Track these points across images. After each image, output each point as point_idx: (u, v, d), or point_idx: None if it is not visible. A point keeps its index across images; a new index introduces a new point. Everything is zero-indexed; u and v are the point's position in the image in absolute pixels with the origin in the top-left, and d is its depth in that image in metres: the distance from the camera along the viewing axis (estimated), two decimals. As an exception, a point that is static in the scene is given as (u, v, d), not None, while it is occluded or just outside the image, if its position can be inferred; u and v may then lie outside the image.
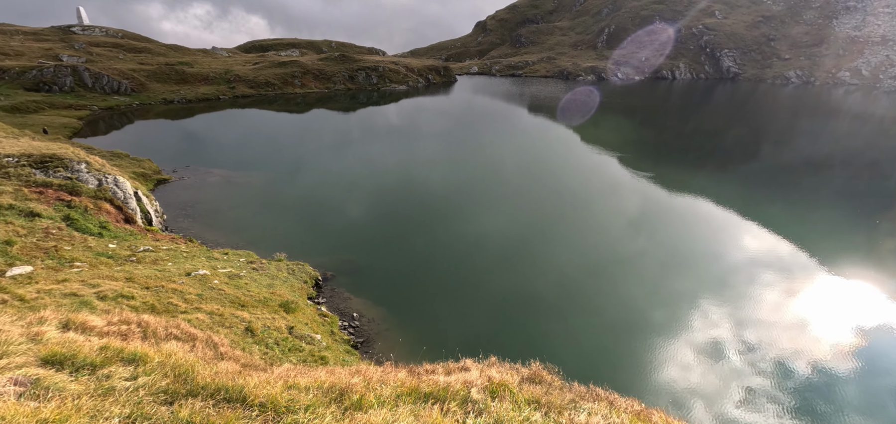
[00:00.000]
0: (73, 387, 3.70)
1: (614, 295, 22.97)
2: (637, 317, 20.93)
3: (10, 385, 3.52)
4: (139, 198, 27.41)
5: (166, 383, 3.88)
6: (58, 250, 19.37)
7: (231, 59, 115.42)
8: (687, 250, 28.37)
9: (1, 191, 23.12)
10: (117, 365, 4.24)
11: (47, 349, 4.34)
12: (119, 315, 6.68)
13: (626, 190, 40.43)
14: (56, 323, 5.50)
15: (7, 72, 71.65)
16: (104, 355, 4.39)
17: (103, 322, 5.97)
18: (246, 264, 22.95)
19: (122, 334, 5.58)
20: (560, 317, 21.29)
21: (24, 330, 4.85)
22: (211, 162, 46.34)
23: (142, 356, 4.46)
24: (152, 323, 6.51)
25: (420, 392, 4.14)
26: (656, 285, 23.78)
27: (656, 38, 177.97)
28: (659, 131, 71.26)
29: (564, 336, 19.97)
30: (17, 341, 4.46)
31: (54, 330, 5.14)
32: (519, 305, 22.12)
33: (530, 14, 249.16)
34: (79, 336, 5.09)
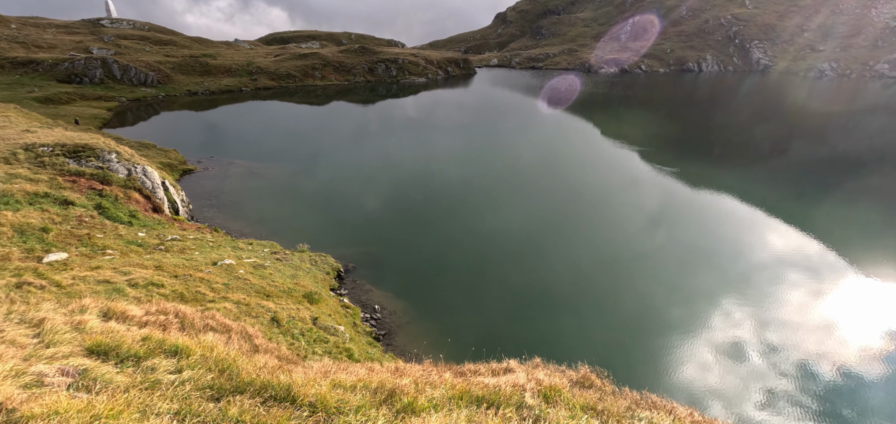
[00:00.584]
0: (119, 379, 3.63)
1: (632, 292, 22.39)
2: (655, 315, 20.39)
3: (58, 375, 3.47)
4: (166, 187, 27.95)
5: (211, 378, 3.78)
6: (90, 238, 19.86)
7: (253, 51, 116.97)
8: (708, 247, 27.52)
9: (37, 179, 23.83)
10: (160, 357, 4.17)
11: (92, 339, 4.30)
12: (157, 305, 6.69)
13: (645, 184, 39.46)
14: (97, 311, 5.50)
15: (41, 64, 74.05)
16: (147, 346, 4.33)
17: (141, 311, 5.97)
18: (270, 254, 23.17)
19: (161, 324, 5.55)
20: (576, 313, 20.96)
21: (67, 319, 4.84)
22: (234, 153, 47.05)
23: (184, 348, 4.39)
24: (189, 314, 6.49)
25: (472, 396, 3.94)
26: (675, 282, 23.12)
27: (682, 29, 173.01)
28: (683, 125, 69.30)
29: (580, 332, 19.64)
30: (62, 329, 4.45)
31: (96, 319, 5.13)
32: (535, 300, 21.89)
33: (551, 5, 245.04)
34: (120, 325, 5.07)
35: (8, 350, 3.84)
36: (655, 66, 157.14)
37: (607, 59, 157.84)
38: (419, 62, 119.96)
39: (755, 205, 33.15)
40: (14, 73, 70.77)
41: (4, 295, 11.64)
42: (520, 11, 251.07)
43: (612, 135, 58.46)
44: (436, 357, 13.39)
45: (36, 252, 17.18)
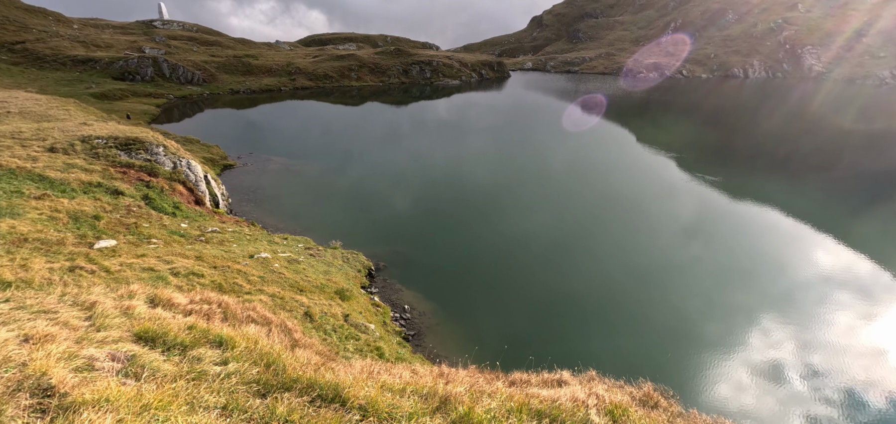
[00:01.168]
0: (166, 368, 3.63)
1: (665, 304, 21.37)
2: (689, 329, 19.43)
3: (108, 361, 3.49)
4: (208, 181, 28.98)
5: (257, 372, 3.73)
6: (137, 226, 20.78)
7: (292, 52, 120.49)
8: (748, 261, 25.93)
9: (91, 169, 25.20)
10: (206, 347, 4.17)
11: (140, 325, 4.36)
12: (201, 294, 6.82)
13: (681, 193, 37.83)
14: (144, 298, 5.62)
15: (98, 62, 78.84)
16: (193, 335, 4.35)
17: (186, 300, 6.07)
18: (304, 250, 23.57)
19: (205, 314, 5.62)
20: (605, 323, 20.25)
21: (116, 304, 4.95)
22: (272, 150, 48.44)
23: (228, 339, 4.37)
24: (232, 305, 6.57)
25: (531, 409, 3.70)
26: (711, 296, 21.96)
27: (727, 34, 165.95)
28: (725, 133, 66.14)
29: (610, 342, 18.94)
30: (112, 314, 4.53)
31: (143, 306, 5.23)
32: (563, 307, 21.40)
33: (589, 8, 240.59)
34: (166, 313, 5.15)
35: (61, 331, 3.91)
36: (697, 72, 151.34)
37: (646, 63, 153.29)
38: (453, 64, 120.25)
39: (802, 220, 31.12)
40: (75, 71, 75.63)
41: (58, 278, 12.24)
42: (556, 15, 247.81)
43: (649, 142, 56.50)
44: (468, 362, 13.15)
45: (88, 238, 18.09)
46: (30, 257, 13.20)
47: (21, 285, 10.83)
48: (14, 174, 22.24)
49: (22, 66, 72.38)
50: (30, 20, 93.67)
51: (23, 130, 27.44)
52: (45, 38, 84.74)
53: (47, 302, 5.19)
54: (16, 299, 5.44)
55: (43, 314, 4.60)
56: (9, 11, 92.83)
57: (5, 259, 12.63)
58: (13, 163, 23.06)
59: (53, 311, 4.69)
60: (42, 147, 25.82)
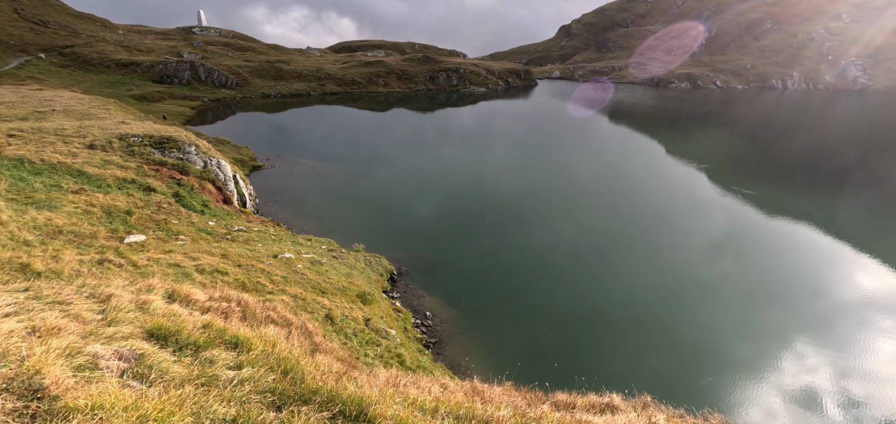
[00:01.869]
0: (176, 370, 3.36)
1: (692, 322, 20.50)
2: (718, 349, 18.52)
3: (114, 359, 3.26)
4: (237, 180, 29.49)
5: (273, 380, 3.41)
6: (167, 223, 21.19)
7: (323, 58, 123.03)
8: (782, 281, 24.50)
9: (126, 166, 25.99)
10: (220, 349, 3.91)
11: (153, 321, 4.14)
12: (220, 291, 6.65)
13: (713, 208, 36.20)
14: (162, 292, 5.46)
15: (140, 66, 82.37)
16: (207, 335, 4.10)
17: (205, 296, 5.89)
18: (327, 251, 23.56)
19: (223, 311, 5.41)
20: (629, 338, 19.39)
21: (133, 297, 4.78)
22: (299, 152, 49.21)
23: (244, 340, 4.10)
24: (251, 304, 6.37)
25: None
26: (742, 316, 20.86)
27: (764, 44, 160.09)
28: (761, 146, 63.27)
29: (634, 359, 18.12)
30: (127, 308, 4.34)
31: (160, 301, 5.05)
32: (586, 321, 20.76)
33: (620, 18, 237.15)
34: (183, 309, 4.95)
35: (69, 324, 3.72)
36: (733, 82, 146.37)
37: (679, 73, 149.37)
38: (480, 72, 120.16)
39: (843, 240, 29.13)
40: (118, 73, 79.23)
41: (87, 270, 12.43)
42: (585, 24, 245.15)
43: (679, 154, 54.62)
44: (489, 374, 12.68)
45: (119, 232, 18.51)
46: (62, 249, 13.50)
47: (50, 275, 11.00)
48: (55, 169, 23.11)
49: (70, 68, 76.36)
50: (79, 26, 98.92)
51: (65, 127, 28.63)
52: (93, 43, 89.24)
53: (63, 293, 5.05)
54: (34, 289, 5.33)
55: (57, 305, 4.45)
56: (60, 17, 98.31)
57: (38, 249, 12.94)
58: (55, 159, 23.99)
59: (67, 302, 4.54)
60: (82, 143, 26.83)
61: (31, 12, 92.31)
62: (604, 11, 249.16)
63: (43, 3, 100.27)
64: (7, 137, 25.48)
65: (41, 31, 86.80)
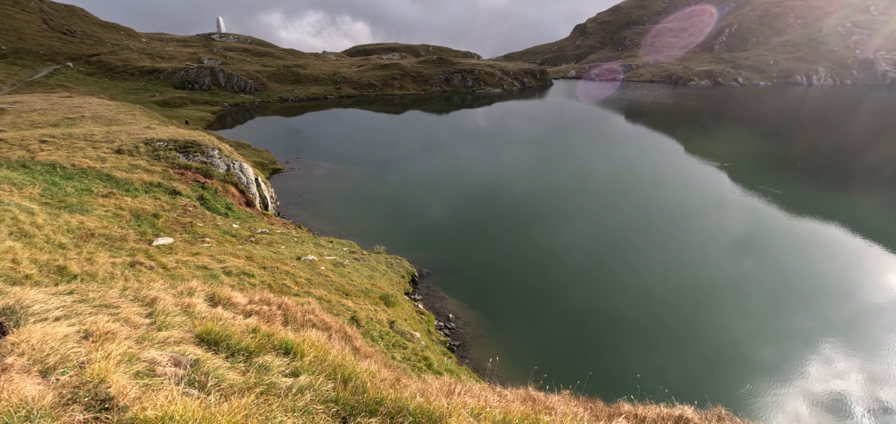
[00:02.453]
0: (232, 377, 3.26)
1: (711, 324, 19.97)
2: (739, 352, 17.97)
3: (171, 366, 3.17)
4: (259, 183, 29.81)
5: (332, 389, 3.28)
6: (193, 225, 21.48)
7: (338, 62, 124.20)
8: (807, 282, 23.67)
9: (152, 170, 26.49)
10: (271, 354, 3.81)
11: (202, 325, 4.07)
12: (260, 294, 6.60)
13: (732, 207, 35.24)
14: (203, 296, 5.42)
15: (162, 73, 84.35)
16: (257, 340, 4.01)
17: (245, 299, 5.84)
18: (348, 253, 23.59)
19: (265, 315, 5.34)
20: (647, 341, 18.94)
21: (177, 301, 4.73)
22: (317, 155, 49.60)
23: (294, 346, 4.00)
24: (292, 308, 6.30)
25: None
26: (764, 318, 20.21)
27: (788, 39, 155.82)
28: (784, 144, 61.39)
29: (651, 362, 17.70)
30: (173, 312, 4.29)
31: (203, 304, 5.00)
32: (607, 322, 20.33)
33: (636, 15, 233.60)
34: (226, 312, 4.90)
35: (122, 329, 3.66)
36: (755, 79, 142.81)
37: (698, 70, 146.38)
38: (495, 73, 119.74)
39: (871, 239, 27.95)
40: (141, 80, 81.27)
41: (120, 273, 12.61)
42: (600, 22, 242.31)
43: (698, 153, 53.37)
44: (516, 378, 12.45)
45: (147, 235, 18.82)
46: (95, 251, 13.74)
47: (86, 278, 11.17)
48: (85, 173, 23.66)
49: (96, 76, 78.62)
50: (105, 35, 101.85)
51: (94, 133, 29.35)
52: (117, 51, 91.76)
53: (109, 296, 5.02)
54: (79, 291, 5.32)
55: (104, 308, 4.41)
56: (87, 27, 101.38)
57: (73, 252, 13.19)
58: (85, 163, 24.58)
59: (114, 306, 4.50)
60: (110, 148, 27.45)
61: (60, 23, 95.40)
62: (619, 9, 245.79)
63: (70, 13, 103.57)
64: (40, 143, 26.23)
65: (69, 41, 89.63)
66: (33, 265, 10.56)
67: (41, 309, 4.28)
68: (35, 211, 16.48)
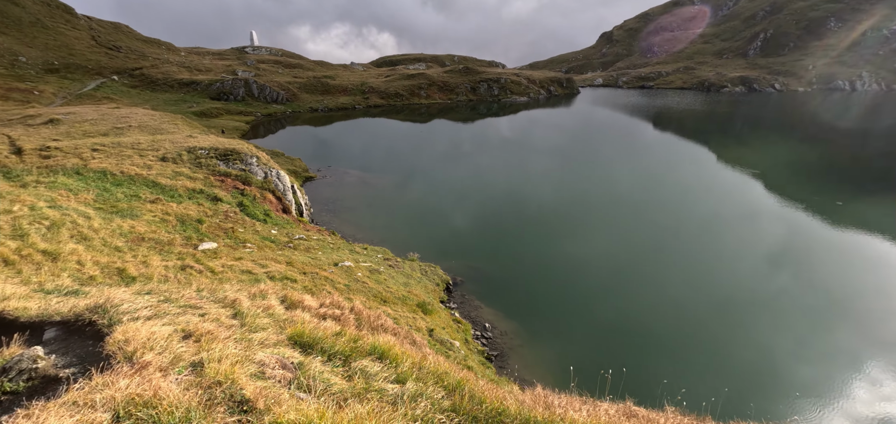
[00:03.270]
0: (338, 383, 3.19)
1: (747, 341, 19.00)
2: (776, 371, 17.09)
3: (278, 368, 3.12)
4: (294, 191, 30.37)
5: (445, 397, 3.15)
6: (234, 231, 21.99)
7: (366, 72, 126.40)
8: (851, 296, 22.27)
9: (195, 177, 27.35)
10: (366, 359, 3.72)
11: (292, 328, 4.03)
12: (330, 297, 6.58)
13: (768, 218, 33.70)
14: (276, 298, 5.43)
15: (199, 84, 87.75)
16: (348, 344, 3.93)
17: (316, 303, 5.83)
18: (383, 260, 23.65)
19: (338, 318, 5.29)
20: (678, 355, 18.37)
21: (253, 303, 4.73)
22: (348, 163, 50.29)
23: (387, 351, 3.91)
24: (364, 312, 6.24)
25: None
26: (804, 335, 19.24)
27: (828, 43, 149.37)
28: (825, 151, 58.53)
29: (685, 376, 16.92)
30: (255, 313, 4.28)
31: (279, 306, 4.99)
32: (640, 335, 19.66)
33: (665, 22, 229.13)
34: (303, 314, 4.86)
35: (218, 329, 3.65)
36: (793, 85, 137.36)
37: (732, 76, 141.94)
38: (521, 81, 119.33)
39: None
40: (180, 92, 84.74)
41: (173, 275, 12.93)
42: (627, 29, 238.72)
43: (732, 161, 51.54)
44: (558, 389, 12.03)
45: (192, 240, 19.34)
46: (148, 255, 14.17)
47: (143, 280, 11.50)
48: (133, 180, 24.63)
49: (139, 88, 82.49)
50: (147, 49, 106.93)
51: (141, 142, 30.62)
52: (158, 65, 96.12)
53: (189, 297, 5.06)
54: (157, 291, 5.38)
55: (190, 309, 4.43)
56: (131, 43, 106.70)
57: (129, 255, 13.64)
58: (132, 171, 25.60)
59: (198, 306, 4.52)
60: (155, 156, 28.55)
61: (106, 39, 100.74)
62: (647, 16, 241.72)
63: (116, 30, 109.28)
64: (91, 151, 27.52)
65: (114, 56, 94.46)
66: (96, 267, 10.94)
67: (130, 308, 4.31)
68: (91, 215, 17.19)
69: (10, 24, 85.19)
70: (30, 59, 77.26)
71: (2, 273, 7.88)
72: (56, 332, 4.54)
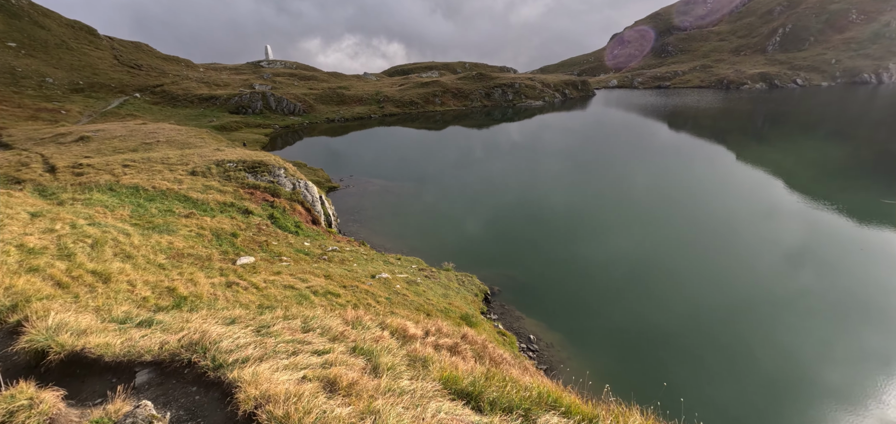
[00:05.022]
0: None
1: (768, 344, 18.29)
2: (801, 375, 16.49)
3: None
4: (322, 201, 30.03)
5: None
6: (268, 244, 21.61)
7: (379, 82, 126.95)
8: (879, 297, 21.35)
9: (224, 190, 27.17)
10: (549, 414, 3.09)
11: (443, 372, 3.41)
12: (433, 323, 5.99)
13: (789, 217, 32.60)
14: (375, 325, 4.80)
15: (218, 99, 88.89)
16: (517, 392, 3.28)
17: (420, 330, 5.22)
18: (418, 271, 23.03)
19: (453, 349, 4.66)
20: (700, 361, 17.70)
21: (360, 334, 4.11)
22: (369, 172, 50.01)
23: (559, 400, 3.25)
24: (477, 340, 5.61)
25: None
26: (829, 337, 18.58)
27: (850, 36, 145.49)
28: (851, 147, 56.42)
29: (706, 386, 16.36)
30: (377, 350, 3.64)
31: (390, 338, 4.37)
32: (671, 340, 19.01)
33: (677, 21, 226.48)
34: (426, 348, 4.24)
35: (363, 378, 3.03)
36: (816, 80, 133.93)
37: (751, 73, 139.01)
38: (536, 85, 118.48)
39: None
40: (200, 107, 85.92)
41: (221, 293, 12.45)
42: (639, 30, 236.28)
43: (752, 160, 50.10)
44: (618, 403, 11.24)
45: (229, 254, 18.97)
46: (194, 272, 13.76)
47: (194, 299, 11.03)
48: (165, 195, 24.50)
49: (160, 105, 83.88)
50: (167, 67, 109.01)
51: (170, 156, 30.65)
52: (178, 81, 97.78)
53: (283, 327, 4.46)
54: (243, 320, 4.79)
55: (297, 344, 3.84)
56: (151, 61, 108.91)
57: (174, 272, 13.24)
58: (164, 186, 25.50)
59: (304, 341, 3.92)
60: (185, 170, 28.48)
61: (128, 58, 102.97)
62: (658, 16, 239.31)
63: (137, 49, 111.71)
64: (123, 167, 27.57)
65: (136, 74, 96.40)
66: (147, 287, 10.52)
67: (232, 345, 3.73)
68: (130, 232, 16.93)
69: (37, 46, 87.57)
70: (56, 80, 79.17)
71: (60, 298, 7.43)
72: (149, 375, 3.98)
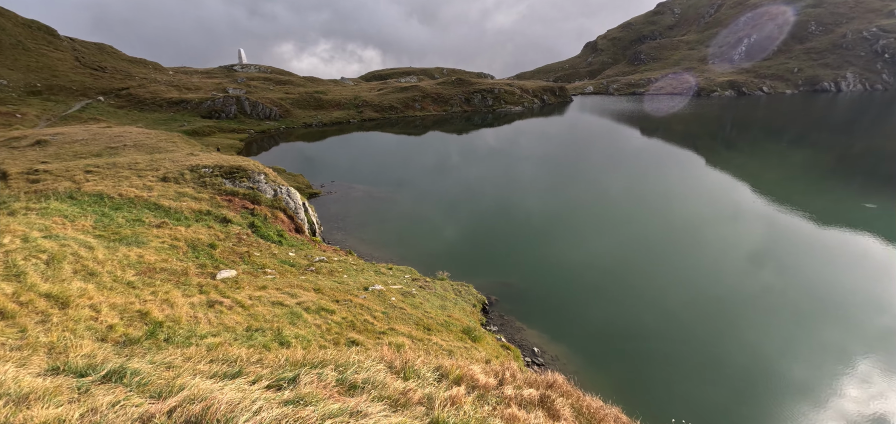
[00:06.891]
0: None
1: (737, 342, 18.64)
2: (767, 371, 16.81)
3: None
4: (306, 208, 28.39)
5: None
6: (250, 256, 19.93)
7: (357, 86, 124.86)
8: (838, 294, 22.23)
9: (200, 198, 25.22)
10: None
11: None
12: (500, 364, 4.83)
13: (754, 219, 33.64)
14: (427, 370, 3.66)
15: (189, 103, 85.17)
16: None
17: (493, 380, 4.10)
18: (411, 281, 21.77)
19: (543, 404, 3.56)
20: (673, 361, 17.76)
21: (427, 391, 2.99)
22: (350, 178, 48.33)
23: None
24: (571, 392, 4.53)
25: None
26: (792, 333, 19.07)
27: (811, 46, 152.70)
28: (812, 152, 58.79)
29: (682, 384, 16.50)
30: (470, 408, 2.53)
31: (468, 398, 3.23)
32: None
33: (647, 31, 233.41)
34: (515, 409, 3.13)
35: None
36: (780, 88, 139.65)
37: (721, 81, 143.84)
38: (515, 91, 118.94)
39: None
40: (169, 111, 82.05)
41: (202, 315, 10.93)
42: (611, 39, 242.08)
43: (720, 165, 51.49)
44: None
45: (208, 268, 17.26)
46: (168, 290, 12.14)
47: (171, 325, 9.50)
48: (133, 203, 22.45)
49: (126, 108, 79.59)
50: (133, 69, 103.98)
51: (138, 162, 28.40)
52: (146, 84, 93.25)
53: (312, 382, 3.22)
54: (249, 371, 3.54)
55: (347, 415, 2.64)
56: (116, 63, 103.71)
57: (146, 292, 11.60)
58: (131, 193, 23.41)
59: (363, 415, 2.72)
60: (156, 177, 26.37)
61: (90, 60, 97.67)
62: (630, 25, 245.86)
63: (100, 50, 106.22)
64: (85, 173, 25.25)
65: (99, 76, 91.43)
66: (114, 311, 8.94)
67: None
68: (93, 244, 15.07)
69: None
70: (11, 82, 74.06)
71: (2, 334, 5.88)
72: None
